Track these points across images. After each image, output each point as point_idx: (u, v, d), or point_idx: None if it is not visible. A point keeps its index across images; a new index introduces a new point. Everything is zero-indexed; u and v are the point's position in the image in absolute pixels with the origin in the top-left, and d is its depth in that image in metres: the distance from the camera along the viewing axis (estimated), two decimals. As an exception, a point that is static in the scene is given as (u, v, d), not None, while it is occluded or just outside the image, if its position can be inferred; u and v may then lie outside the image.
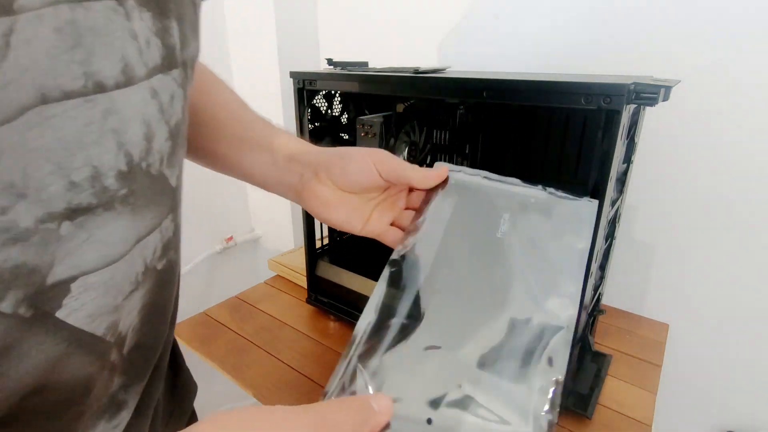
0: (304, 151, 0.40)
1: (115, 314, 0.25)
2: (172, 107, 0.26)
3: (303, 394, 0.60)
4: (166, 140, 0.26)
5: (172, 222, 0.29)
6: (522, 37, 0.78)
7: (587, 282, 0.48)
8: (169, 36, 0.25)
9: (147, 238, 0.26)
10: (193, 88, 0.40)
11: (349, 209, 0.39)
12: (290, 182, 0.41)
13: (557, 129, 0.53)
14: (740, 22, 0.61)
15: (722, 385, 0.77)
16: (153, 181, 0.25)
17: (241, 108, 0.43)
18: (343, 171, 0.38)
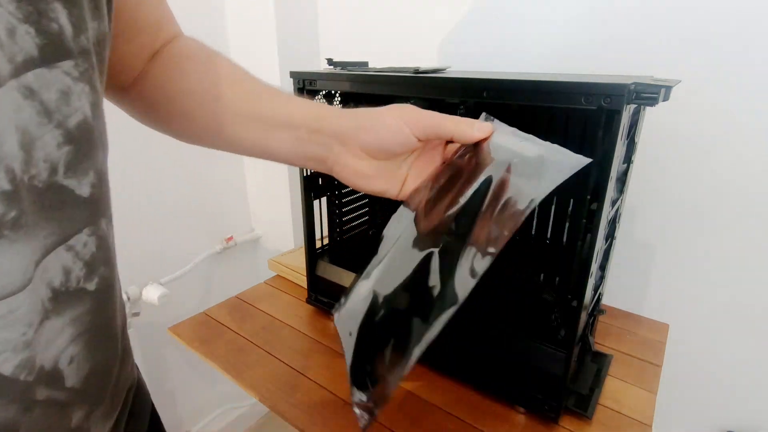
0: (326, 120, 0.37)
1: (28, 350, 0.22)
2: (67, 106, 0.23)
3: (303, 394, 0.60)
4: (60, 146, 0.22)
5: (93, 235, 0.26)
6: (522, 37, 0.78)
7: (587, 282, 0.48)
8: (49, 21, 0.21)
9: (46, 259, 0.23)
10: (184, 70, 0.38)
11: (386, 177, 0.37)
12: (318, 155, 0.38)
13: (557, 129, 0.53)
14: (740, 22, 0.61)
15: (722, 385, 0.77)
16: (44, 195, 0.22)
17: (246, 81, 0.39)
18: (376, 139, 0.35)
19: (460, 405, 0.58)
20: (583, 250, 0.49)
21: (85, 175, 0.25)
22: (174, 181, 1.09)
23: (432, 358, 0.63)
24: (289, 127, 0.37)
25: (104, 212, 0.27)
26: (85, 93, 0.24)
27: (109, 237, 0.28)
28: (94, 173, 0.25)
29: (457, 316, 0.31)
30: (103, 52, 0.27)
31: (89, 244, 0.26)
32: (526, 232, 0.60)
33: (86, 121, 0.24)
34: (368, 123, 0.35)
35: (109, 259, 0.28)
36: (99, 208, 0.26)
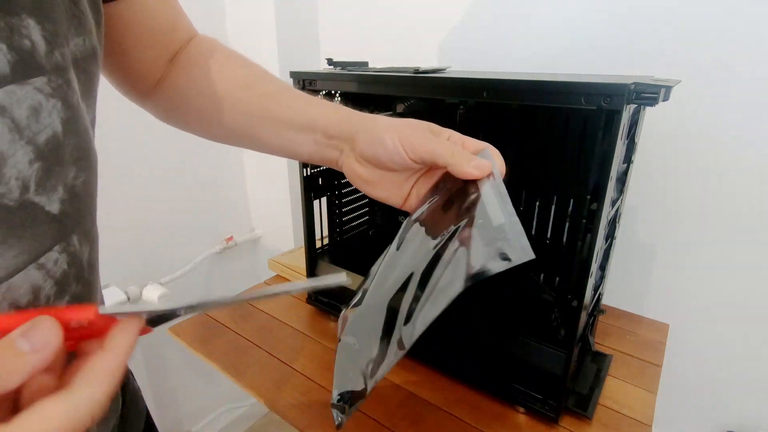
0: (341, 124, 0.37)
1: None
2: (37, 122, 0.22)
3: (303, 394, 0.60)
4: (31, 162, 0.22)
5: (63, 252, 0.25)
6: (522, 38, 0.78)
7: (587, 282, 0.48)
8: (21, 37, 0.21)
9: (13, 279, 0.22)
10: (200, 72, 0.38)
11: (388, 186, 0.37)
12: (332, 158, 0.38)
13: (557, 129, 0.53)
14: (740, 21, 0.61)
15: (722, 385, 0.77)
16: (15, 213, 0.22)
17: (264, 82, 0.40)
18: (372, 153, 0.35)
19: (460, 405, 0.58)
20: (583, 250, 0.49)
21: (54, 191, 0.24)
22: (174, 181, 1.09)
23: (432, 357, 0.63)
24: (307, 131, 0.37)
25: (76, 228, 0.27)
26: (56, 109, 0.23)
27: (83, 254, 0.28)
28: (63, 189, 0.25)
29: (457, 316, 0.31)
30: (90, 67, 0.27)
31: (60, 262, 0.25)
32: (526, 232, 0.60)
33: (56, 138, 0.24)
34: (368, 136, 0.35)
35: (82, 276, 0.28)
36: (70, 224, 0.26)
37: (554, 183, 0.55)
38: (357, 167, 0.36)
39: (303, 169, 0.68)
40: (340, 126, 0.37)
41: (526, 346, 0.54)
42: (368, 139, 0.35)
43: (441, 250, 0.29)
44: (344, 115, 0.37)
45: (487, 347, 0.58)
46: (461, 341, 0.60)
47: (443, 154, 0.32)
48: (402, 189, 0.37)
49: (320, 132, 0.37)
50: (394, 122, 0.35)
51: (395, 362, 0.27)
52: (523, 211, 0.59)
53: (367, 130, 0.35)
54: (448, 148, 0.32)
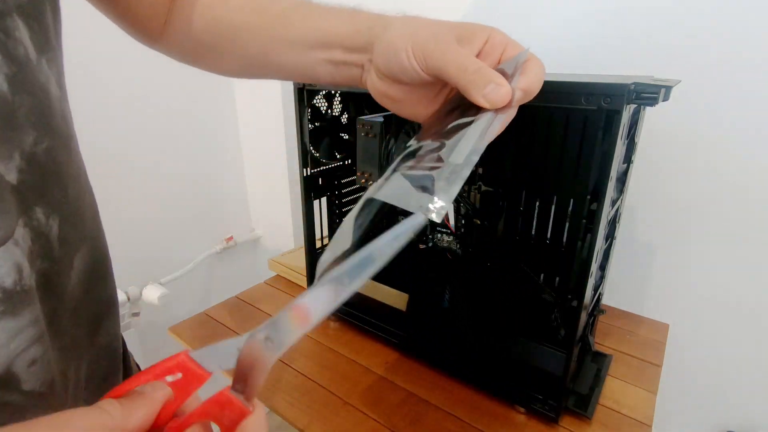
0: (358, 35, 0.32)
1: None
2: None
3: (303, 394, 0.60)
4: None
5: (26, 227, 0.23)
6: (522, 38, 0.78)
7: (587, 282, 0.48)
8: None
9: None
10: (204, 6, 0.35)
11: (415, 103, 0.32)
12: (354, 76, 0.33)
13: (557, 129, 0.53)
14: (740, 21, 0.61)
15: (722, 385, 0.77)
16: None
17: (272, 4, 0.35)
18: (388, 68, 0.30)
19: (460, 405, 0.58)
20: (583, 250, 0.49)
21: (10, 159, 0.22)
22: (174, 181, 1.09)
23: (433, 357, 0.63)
24: (324, 48, 0.33)
25: (39, 201, 0.24)
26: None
27: (50, 228, 0.25)
28: (20, 157, 0.23)
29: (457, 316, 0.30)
30: (41, 14, 0.24)
31: (25, 237, 0.23)
32: (527, 231, 0.60)
33: (2, 97, 0.21)
34: (382, 46, 0.30)
35: (49, 254, 0.25)
36: (31, 195, 0.24)
37: (554, 183, 0.55)
38: (378, 83, 0.31)
39: (303, 169, 0.67)
40: (356, 37, 0.31)
41: (526, 346, 0.54)
42: (382, 49, 0.30)
43: (399, 167, 0.26)
44: (363, 23, 0.32)
45: (488, 347, 0.58)
46: (461, 341, 0.60)
47: (455, 72, 0.27)
48: (430, 107, 0.32)
49: (338, 47, 0.32)
50: (416, 25, 0.29)
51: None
52: (523, 211, 0.59)
53: (382, 38, 0.30)
54: (463, 65, 0.26)
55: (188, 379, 0.20)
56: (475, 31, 0.29)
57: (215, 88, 1.14)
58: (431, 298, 0.63)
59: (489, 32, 0.29)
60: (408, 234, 0.23)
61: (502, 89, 0.25)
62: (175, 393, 0.20)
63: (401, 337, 0.66)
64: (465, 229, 0.67)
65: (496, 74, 0.26)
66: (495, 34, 0.29)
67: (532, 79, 0.27)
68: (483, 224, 0.64)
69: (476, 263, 0.67)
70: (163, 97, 1.03)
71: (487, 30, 0.29)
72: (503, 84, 0.26)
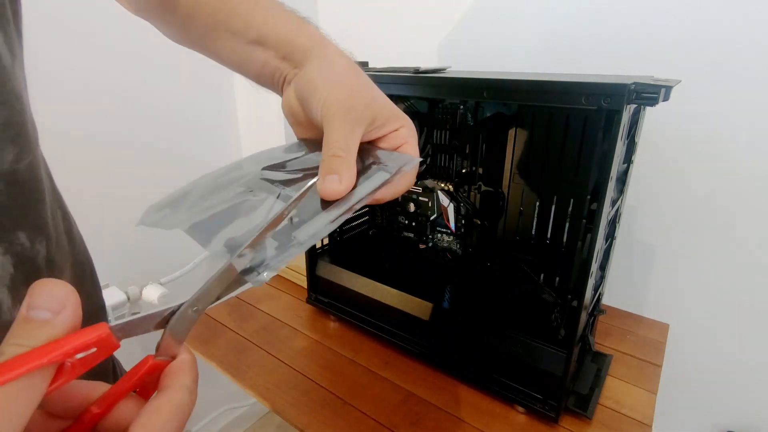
0: (295, 49, 0.31)
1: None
2: None
3: (303, 394, 0.60)
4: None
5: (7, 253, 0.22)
6: (522, 37, 0.78)
7: (587, 282, 0.48)
8: None
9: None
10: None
11: (312, 132, 0.32)
12: (275, 81, 0.33)
13: (557, 129, 0.53)
14: (740, 21, 0.61)
15: (722, 385, 0.77)
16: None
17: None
18: (301, 98, 0.30)
19: (460, 405, 0.58)
20: (583, 250, 0.49)
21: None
22: (174, 180, 1.09)
23: (433, 357, 0.63)
24: (259, 46, 0.32)
25: (21, 223, 0.22)
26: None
27: (38, 252, 0.23)
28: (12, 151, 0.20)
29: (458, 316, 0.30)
30: (4, 14, 0.22)
31: (5, 265, 0.21)
32: (527, 231, 0.60)
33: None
34: (305, 77, 0.30)
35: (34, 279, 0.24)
36: (12, 218, 0.22)
37: (554, 183, 0.55)
38: (292, 101, 0.31)
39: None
40: (293, 50, 0.31)
41: (526, 346, 0.54)
42: (304, 80, 0.30)
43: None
44: (304, 38, 0.32)
45: (488, 347, 0.58)
46: (461, 341, 0.60)
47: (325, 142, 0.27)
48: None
49: (273, 50, 0.32)
50: (342, 82, 0.29)
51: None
52: (523, 211, 0.59)
53: (311, 68, 0.30)
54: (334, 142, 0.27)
55: (99, 353, 0.19)
56: (391, 119, 0.30)
57: (215, 87, 1.14)
58: (431, 298, 0.63)
59: (401, 124, 0.31)
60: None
61: (335, 186, 0.25)
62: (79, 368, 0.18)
63: (402, 338, 0.65)
64: (465, 229, 0.67)
65: (347, 169, 0.26)
66: (405, 129, 0.31)
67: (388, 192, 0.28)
68: (483, 224, 0.64)
69: (476, 263, 0.67)
70: (163, 95, 1.03)
71: (401, 121, 0.31)
72: (342, 182, 0.26)
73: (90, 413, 0.19)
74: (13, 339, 0.15)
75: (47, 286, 0.16)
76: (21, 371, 0.14)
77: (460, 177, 0.64)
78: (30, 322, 0.15)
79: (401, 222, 0.74)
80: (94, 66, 0.88)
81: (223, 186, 0.29)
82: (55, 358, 0.15)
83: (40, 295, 0.16)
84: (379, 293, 0.67)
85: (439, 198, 0.68)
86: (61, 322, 0.16)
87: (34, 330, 0.15)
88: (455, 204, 0.66)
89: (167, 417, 0.18)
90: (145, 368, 0.21)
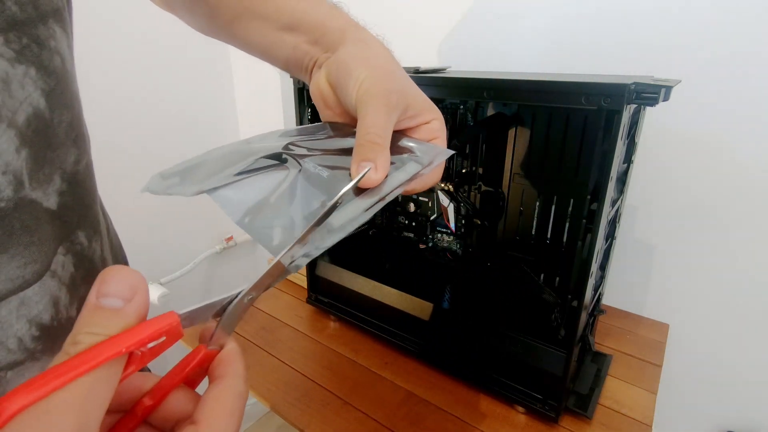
0: (326, 31, 0.31)
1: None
2: (11, 97, 0.18)
3: (303, 394, 0.60)
4: (18, 150, 0.18)
5: (68, 253, 0.22)
6: (522, 37, 0.78)
7: (587, 282, 0.48)
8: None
9: (25, 294, 0.19)
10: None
11: (343, 117, 0.31)
12: (305, 66, 0.33)
13: (557, 129, 0.53)
14: (740, 21, 0.61)
15: (722, 385, 0.77)
16: (8, 216, 0.18)
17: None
18: (334, 81, 0.30)
19: (460, 405, 0.58)
20: (583, 250, 0.49)
21: (50, 183, 0.20)
22: (174, 181, 1.09)
23: (433, 357, 0.63)
24: (290, 31, 0.31)
25: (80, 223, 0.23)
26: (30, 78, 0.19)
27: (95, 251, 0.24)
28: (61, 179, 0.21)
29: (458, 316, 0.30)
30: (64, 10, 0.22)
31: (67, 265, 0.22)
32: (527, 231, 0.60)
33: (39, 115, 0.19)
34: (340, 58, 0.29)
35: (91, 277, 0.24)
36: (72, 219, 0.22)
37: (554, 183, 0.55)
38: (323, 84, 0.31)
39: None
40: (326, 32, 0.30)
41: (526, 346, 0.54)
42: (338, 62, 0.29)
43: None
44: (337, 20, 0.31)
45: (488, 347, 0.58)
46: (461, 341, 0.60)
47: (360, 127, 0.26)
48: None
49: (304, 35, 0.31)
50: (379, 65, 0.28)
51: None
52: (524, 211, 0.59)
53: (345, 51, 0.29)
54: (370, 127, 0.26)
55: (166, 342, 0.19)
56: (424, 110, 0.29)
57: (215, 89, 1.14)
58: (431, 298, 0.63)
59: (434, 116, 0.30)
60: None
61: (371, 175, 0.25)
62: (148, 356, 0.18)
63: (402, 338, 0.66)
64: (465, 229, 0.67)
65: (382, 158, 0.25)
66: (437, 122, 0.30)
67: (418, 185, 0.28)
68: (483, 224, 0.64)
69: (476, 263, 0.67)
70: (163, 98, 1.03)
71: (433, 113, 0.30)
72: (378, 172, 0.25)
73: (142, 405, 0.19)
74: (86, 327, 0.15)
75: (118, 273, 0.16)
76: (101, 359, 0.14)
77: (460, 177, 0.64)
78: (101, 310, 0.15)
79: (401, 222, 0.74)
80: (94, 67, 0.88)
81: (242, 158, 0.28)
82: (131, 347, 0.15)
83: (110, 283, 0.16)
84: (379, 293, 0.67)
85: (439, 198, 0.68)
86: (134, 310, 0.16)
87: (107, 318, 0.15)
88: (455, 204, 0.66)
89: (232, 405, 0.18)
90: (198, 358, 0.21)
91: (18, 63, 0.18)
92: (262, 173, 0.26)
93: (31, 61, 0.19)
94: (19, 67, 0.18)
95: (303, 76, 0.33)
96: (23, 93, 0.18)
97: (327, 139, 0.31)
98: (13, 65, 0.18)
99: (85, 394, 0.14)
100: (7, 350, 0.19)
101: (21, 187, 0.18)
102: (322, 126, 0.33)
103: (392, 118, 0.27)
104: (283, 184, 0.25)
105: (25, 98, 0.18)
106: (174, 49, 1.01)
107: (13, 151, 0.18)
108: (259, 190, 0.25)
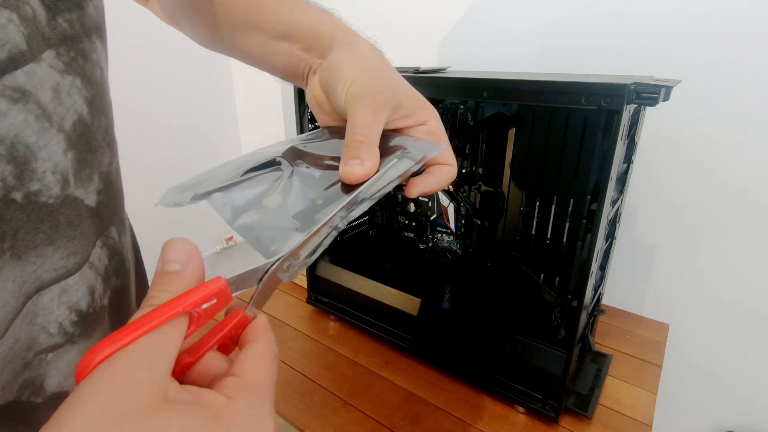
0: (319, 38, 0.31)
1: (29, 371, 0.21)
2: (61, 104, 0.20)
3: (303, 394, 0.60)
4: (65, 152, 0.20)
5: (104, 246, 0.24)
6: (522, 37, 0.78)
7: (587, 282, 0.48)
8: (23, 4, 0.17)
9: (66, 283, 0.21)
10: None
11: (337, 121, 0.32)
12: (300, 72, 0.33)
13: (557, 129, 0.53)
14: (740, 21, 0.61)
15: (722, 385, 0.77)
16: (55, 211, 0.20)
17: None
18: (326, 85, 0.30)
19: (460, 405, 0.58)
20: (583, 250, 0.49)
21: (90, 182, 0.22)
22: (174, 180, 1.09)
23: (433, 357, 0.63)
24: (286, 40, 0.32)
25: (113, 219, 0.25)
26: (76, 87, 0.21)
27: (123, 245, 0.26)
28: (99, 178, 0.23)
29: (458, 316, 0.30)
30: (103, 27, 0.24)
31: (102, 257, 0.24)
32: (527, 231, 0.60)
33: (82, 121, 0.21)
34: (331, 63, 0.30)
35: (121, 268, 0.26)
36: (107, 215, 0.24)
37: (554, 183, 0.55)
38: (317, 90, 0.32)
39: (303, 169, 0.67)
40: (318, 39, 0.31)
41: (526, 346, 0.54)
42: (329, 67, 0.30)
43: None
44: (329, 27, 0.31)
45: (488, 347, 0.58)
46: (461, 341, 0.60)
47: (348, 126, 0.26)
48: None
49: (298, 42, 0.32)
50: (368, 67, 0.29)
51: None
52: (524, 211, 0.59)
53: (337, 55, 0.30)
54: (357, 126, 0.26)
55: (218, 304, 0.21)
56: (418, 109, 0.30)
57: (215, 89, 1.14)
58: (431, 298, 0.63)
59: (429, 116, 0.30)
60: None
61: (357, 169, 0.25)
62: (202, 319, 0.20)
63: (402, 338, 0.65)
64: (465, 229, 0.67)
65: (368, 154, 0.26)
66: (433, 122, 0.30)
67: (431, 183, 0.28)
68: (483, 224, 0.64)
69: (476, 263, 0.67)
70: (163, 98, 1.03)
71: (428, 113, 0.30)
72: (364, 166, 0.25)
73: (181, 362, 0.20)
74: (156, 287, 0.18)
75: (176, 243, 0.19)
76: (166, 317, 0.17)
77: (460, 177, 0.64)
78: (166, 274, 0.18)
79: (401, 222, 0.74)
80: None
81: (243, 164, 0.29)
82: (188, 307, 0.18)
83: (171, 251, 0.19)
84: (379, 293, 0.67)
85: (439, 198, 0.68)
86: (191, 271, 0.19)
87: (171, 279, 0.18)
88: (455, 204, 0.66)
89: (270, 362, 0.20)
90: (235, 321, 0.22)
91: (66, 74, 0.20)
92: (257, 176, 0.27)
93: (77, 72, 0.21)
94: (67, 78, 0.20)
95: (301, 84, 0.34)
96: (70, 101, 0.21)
97: (322, 142, 0.31)
98: (63, 76, 0.20)
99: (155, 346, 0.16)
100: (49, 334, 0.21)
101: (67, 186, 0.20)
102: (320, 131, 0.33)
103: (380, 117, 0.27)
104: (276, 185, 0.26)
105: (71, 105, 0.21)
106: (173, 52, 1.01)
107: (62, 152, 0.20)
108: (252, 191, 0.26)
